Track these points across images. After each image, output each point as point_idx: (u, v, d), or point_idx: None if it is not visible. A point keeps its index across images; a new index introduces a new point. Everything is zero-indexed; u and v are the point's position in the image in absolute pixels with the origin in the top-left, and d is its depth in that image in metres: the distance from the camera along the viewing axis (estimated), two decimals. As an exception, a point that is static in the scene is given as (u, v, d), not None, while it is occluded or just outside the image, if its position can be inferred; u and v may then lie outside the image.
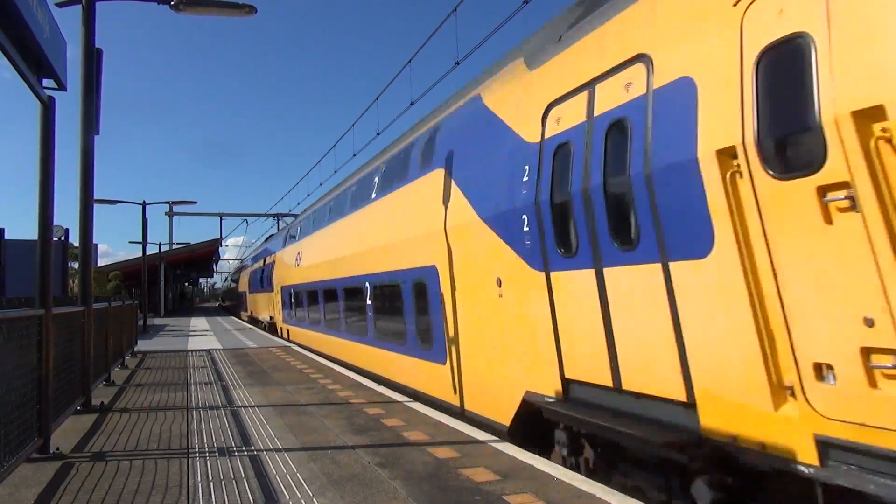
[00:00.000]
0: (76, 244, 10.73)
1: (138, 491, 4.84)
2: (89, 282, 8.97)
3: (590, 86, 5.58)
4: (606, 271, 5.25)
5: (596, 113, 5.44)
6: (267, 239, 36.95)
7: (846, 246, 3.43)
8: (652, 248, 4.74)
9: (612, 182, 5.20)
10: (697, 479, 4.45)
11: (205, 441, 6.52)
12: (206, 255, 57.61)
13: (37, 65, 5.91)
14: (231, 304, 61.22)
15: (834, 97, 3.46)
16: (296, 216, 42.68)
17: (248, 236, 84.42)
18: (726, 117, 4.10)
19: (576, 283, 5.65)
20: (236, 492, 4.84)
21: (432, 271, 8.81)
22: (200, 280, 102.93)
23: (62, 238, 25.95)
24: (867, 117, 3.32)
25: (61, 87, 6.56)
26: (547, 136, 6.13)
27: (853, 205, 3.36)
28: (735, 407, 4.16)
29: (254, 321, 33.54)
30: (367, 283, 12.26)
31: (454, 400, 8.36)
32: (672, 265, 4.56)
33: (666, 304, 4.62)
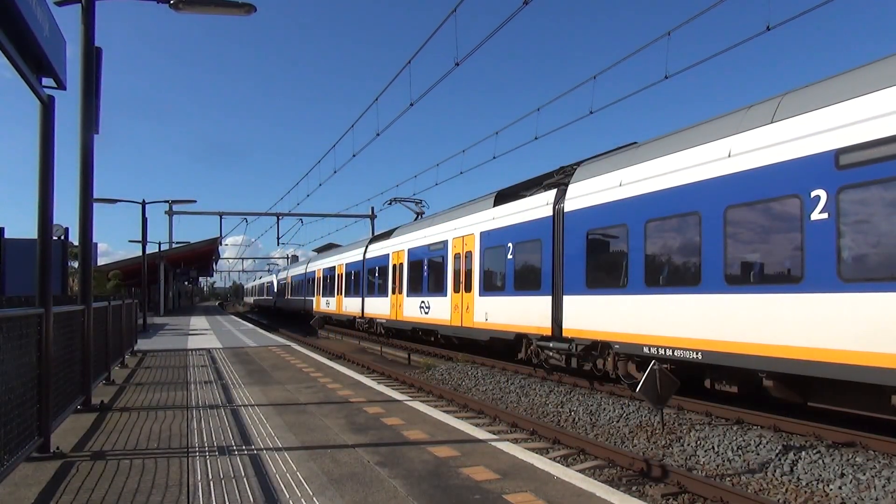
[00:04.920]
0: (76, 243, 10.71)
1: (138, 490, 4.84)
2: (89, 281, 8.96)
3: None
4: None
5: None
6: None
7: None
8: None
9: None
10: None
11: (205, 440, 6.52)
12: (205, 254, 57.52)
13: (36, 64, 5.89)
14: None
15: None
16: (295, 216, 43.09)
17: (247, 235, 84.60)
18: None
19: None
20: (236, 491, 4.84)
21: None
22: (200, 279, 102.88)
23: (62, 237, 25.86)
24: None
25: (61, 86, 6.54)
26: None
27: None
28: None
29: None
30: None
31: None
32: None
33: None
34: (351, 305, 30.02)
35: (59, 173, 6.48)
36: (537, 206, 14.00)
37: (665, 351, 9.95)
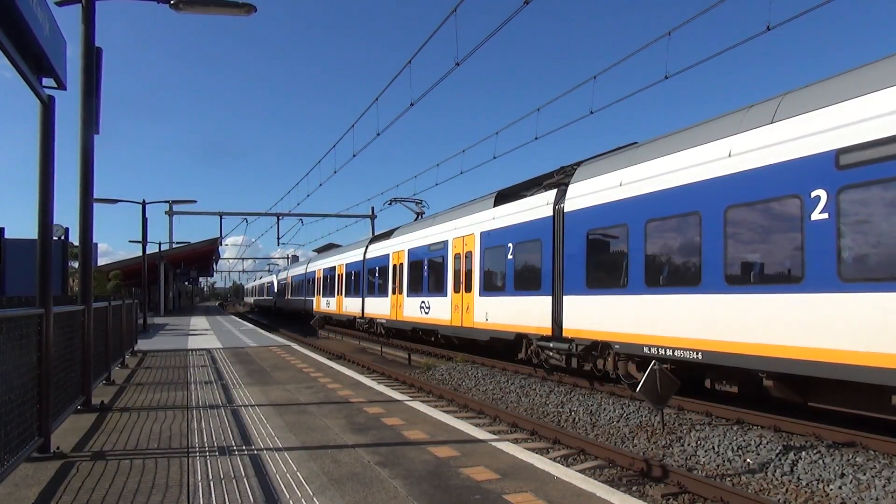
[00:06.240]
0: (76, 243, 10.72)
1: (138, 490, 4.84)
2: (89, 281, 8.96)
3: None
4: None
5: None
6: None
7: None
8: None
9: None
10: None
11: (205, 440, 6.53)
12: (206, 254, 57.52)
13: (36, 64, 5.90)
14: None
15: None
16: (295, 216, 43.17)
17: (247, 235, 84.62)
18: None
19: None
20: (236, 491, 4.84)
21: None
22: (200, 279, 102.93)
23: (62, 237, 25.86)
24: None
25: (61, 86, 6.55)
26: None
27: None
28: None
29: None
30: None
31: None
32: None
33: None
34: (351, 305, 30.03)
35: (59, 173, 6.49)
36: (537, 206, 14.00)
37: (665, 351, 9.95)
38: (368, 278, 27.44)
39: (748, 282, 8.75)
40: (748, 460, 7.79)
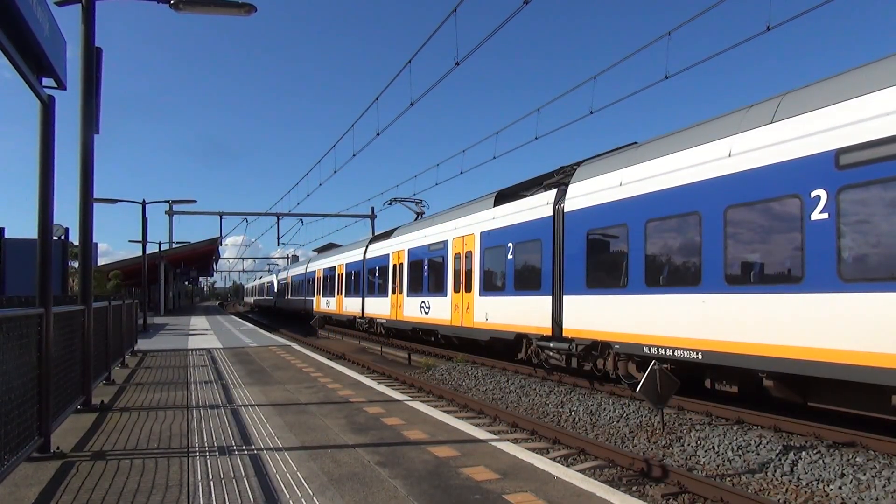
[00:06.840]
0: (76, 243, 10.71)
1: (138, 490, 4.84)
2: (89, 281, 8.95)
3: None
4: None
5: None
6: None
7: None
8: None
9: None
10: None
11: (205, 440, 6.53)
12: (206, 254, 57.51)
13: (36, 64, 5.89)
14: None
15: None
16: (295, 216, 43.25)
17: (247, 235, 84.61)
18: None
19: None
20: (236, 490, 4.84)
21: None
22: (200, 279, 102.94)
23: (62, 237, 25.84)
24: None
25: (61, 86, 6.54)
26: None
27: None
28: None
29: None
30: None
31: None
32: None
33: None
34: (351, 305, 30.03)
35: (59, 173, 6.49)
36: (537, 206, 14.00)
37: (665, 351, 9.95)
38: (368, 278, 27.45)
39: (748, 282, 8.75)
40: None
